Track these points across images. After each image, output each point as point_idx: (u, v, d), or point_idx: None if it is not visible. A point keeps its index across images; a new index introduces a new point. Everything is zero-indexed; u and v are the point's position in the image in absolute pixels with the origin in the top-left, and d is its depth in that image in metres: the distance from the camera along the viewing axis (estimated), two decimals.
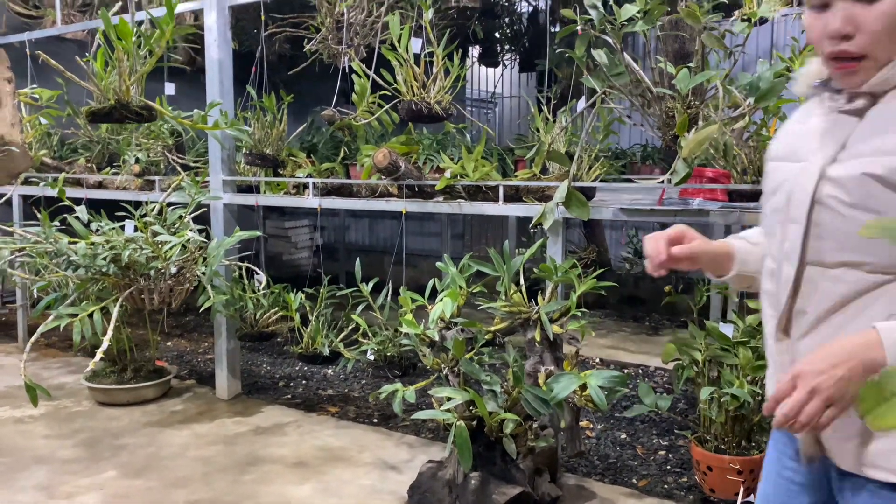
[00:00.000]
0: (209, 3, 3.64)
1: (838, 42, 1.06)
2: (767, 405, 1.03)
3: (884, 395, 0.75)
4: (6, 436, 3.32)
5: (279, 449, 3.21)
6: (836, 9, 1.06)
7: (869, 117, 1.09)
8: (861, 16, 1.04)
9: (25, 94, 3.49)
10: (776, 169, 1.21)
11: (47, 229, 2.91)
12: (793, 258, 1.13)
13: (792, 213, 1.13)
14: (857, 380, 0.98)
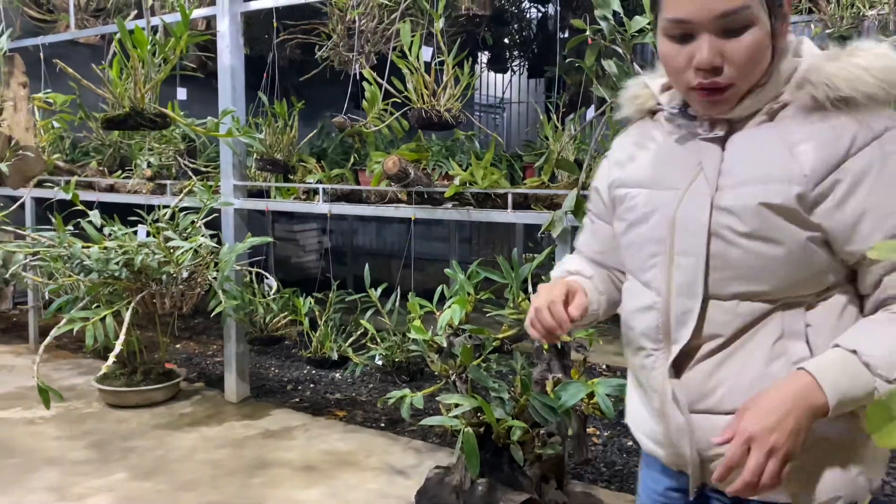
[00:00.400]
0: (221, 9, 3.68)
1: (708, 74, 1.03)
2: (719, 473, 0.98)
3: (891, 414, 0.76)
4: (18, 436, 3.36)
5: (287, 453, 3.23)
6: (701, 41, 1.02)
7: (736, 144, 1.08)
8: (728, 48, 1.01)
9: (40, 98, 3.53)
10: (637, 195, 1.17)
11: (62, 234, 2.94)
12: (694, 292, 1.08)
13: (683, 246, 1.09)
14: (806, 426, 0.96)
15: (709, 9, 0.99)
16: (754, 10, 0.99)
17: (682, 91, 1.10)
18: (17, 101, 3.40)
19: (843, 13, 5.35)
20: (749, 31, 1.00)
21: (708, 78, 1.03)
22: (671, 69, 1.08)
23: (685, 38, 1.04)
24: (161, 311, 3.16)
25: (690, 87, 1.06)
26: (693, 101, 1.10)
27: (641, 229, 1.15)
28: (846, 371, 0.96)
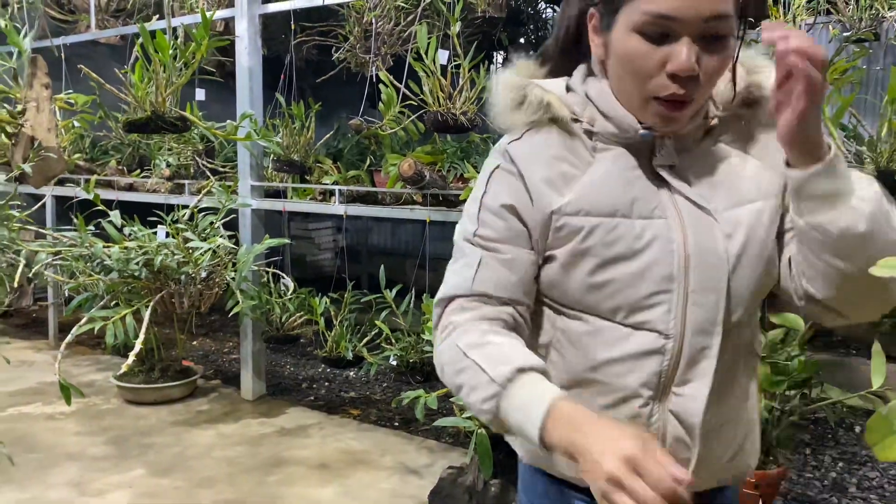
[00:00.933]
0: (240, 11, 3.72)
1: (684, 83, 0.90)
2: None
3: (891, 428, 0.78)
4: (39, 432, 3.42)
5: (302, 451, 3.27)
6: (682, 44, 0.88)
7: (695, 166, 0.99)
8: (703, 58, 0.90)
9: (61, 99, 3.58)
10: (602, 225, 0.96)
11: (83, 234, 3.00)
12: (714, 329, 0.97)
13: (702, 283, 0.96)
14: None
15: (700, 8, 0.87)
16: (732, 22, 0.90)
17: (637, 99, 0.94)
18: (40, 102, 3.45)
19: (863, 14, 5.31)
20: (724, 43, 0.91)
21: (684, 87, 0.90)
22: (635, 72, 0.92)
23: (660, 39, 0.89)
24: (179, 310, 3.21)
25: (654, 95, 0.92)
26: (647, 114, 0.95)
27: (632, 266, 0.96)
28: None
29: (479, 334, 0.95)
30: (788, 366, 2.43)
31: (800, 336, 2.47)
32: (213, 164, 4.25)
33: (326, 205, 3.58)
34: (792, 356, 2.45)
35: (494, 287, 0.99)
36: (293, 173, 3.76)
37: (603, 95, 0.99)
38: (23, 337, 5.08)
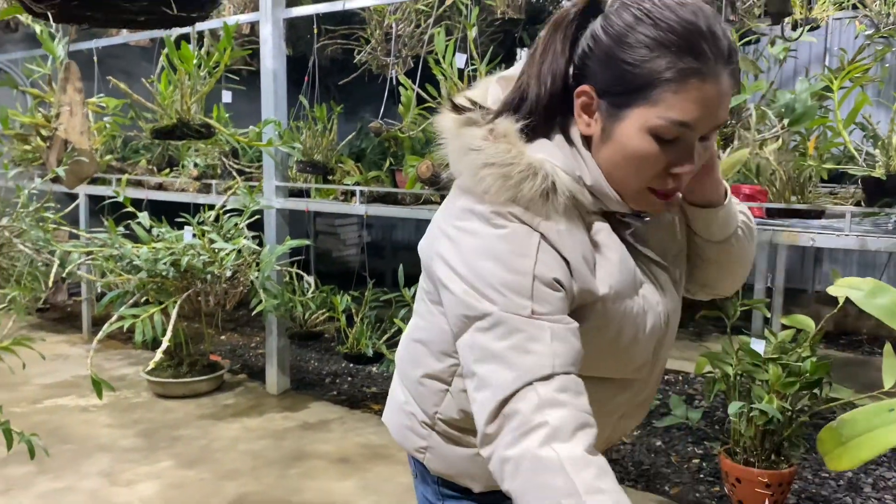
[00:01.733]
0: (265, 15, 3.81)
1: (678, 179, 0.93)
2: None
3: (840, 440, 0.83)
4: (72, 424, 3.56)
5: (324, 445, 3.37)
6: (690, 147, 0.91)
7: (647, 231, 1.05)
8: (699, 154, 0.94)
9: (94, 103, 3.71)
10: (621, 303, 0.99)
11: (114, 235, 3.12)
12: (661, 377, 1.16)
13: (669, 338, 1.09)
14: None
15: (716, 118, 0.90)
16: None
17: (632, 189, 0.95)
18: (73, 107, 3.57)
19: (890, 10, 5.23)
20: (714, 138, 0.96)
21: (680, 185, 0.94)
22: (640, 168, 0.93)
23: (671, 141, 0.90)
24: (205, 308, 3.32)
25: (657, 189, 0.95)
26: (638, 202, 0.97)
27: (640, 335, 1.01)
28: None
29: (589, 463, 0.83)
30: (800, 367, 2.46)
31: (810, 337, 2.50)
32: (239, 165, 4.36)
33: (348, 205, 3.66)
34: (803, 357, 2.47)
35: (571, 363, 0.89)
36: (316, 174, 3.85)
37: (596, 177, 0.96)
38: (58, 331, 5.26)
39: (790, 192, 2.79)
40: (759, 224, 2.66)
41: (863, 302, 0.89)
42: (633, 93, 0.89)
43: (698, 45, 0.86)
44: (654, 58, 0.87)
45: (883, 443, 0.85)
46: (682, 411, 2.63)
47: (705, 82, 0.87)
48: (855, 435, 0.85)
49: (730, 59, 0.89)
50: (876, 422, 0.85)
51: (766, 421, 2.43)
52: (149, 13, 1.03)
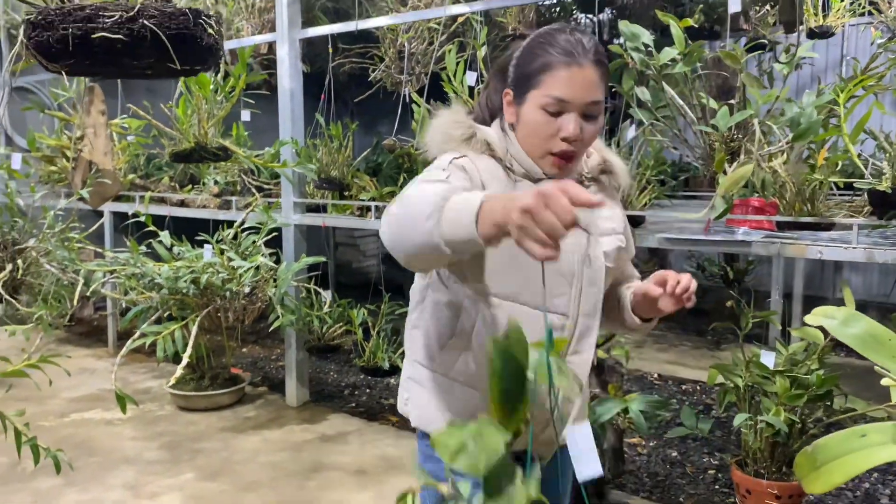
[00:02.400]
0: (281, 36, 3.90)
1: (570, 144, 1.31)
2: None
3: (815, 464, 0.87)
4: (98, 437, 3.65)
5: (342, 457, 3.43)
6: (570, 118, 1.29)
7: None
8: (584, 127, 1.31)
9: (117, 124, 3.82)
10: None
11: (135, 255, 3.21)
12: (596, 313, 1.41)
13: (592, 279, 1.38)
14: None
15: (585, 95, 1.29)
16: (602, 104, 1.35)
17: (539, 153, 1.34)
18: (97, 128, 3.68)
19: None
20: (598, 119, 1.34)
21: (570, 147, 1.31)
22: (538, 135, 1.32)
23: (556, 114, 1.30)
24: (225, 324, 3.40)
25: (550, 152, 1.33)
26: (545, 164, 1.35)
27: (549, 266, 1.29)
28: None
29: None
30: (808, 379, 2.47)
31: (819, 350, 2.51)
32: (258, 181, 4.45)
33: (363, 220, 3.73)
34: (812, 370, 2.49)
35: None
36: (332, 190, 3.92)
37: (518, 150, 1.38)
38: (85, 345, 5.38)
39: (800, 204, 2.81)
40: (768, 236, 2.68)
41: (836, 330, 0.92)
42: (528, 83, 1.32)
43: (564, 45, 1.29)
44: (538, 57, 1.31)
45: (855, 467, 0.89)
46: (692, 422, 2.65)
47: (570, 68, 1.28)
48: (828, 460, 0.89)
49: (593, 55, 1.30)
50: (848, 447, 0.89)
51: (774, 433, 2.44)
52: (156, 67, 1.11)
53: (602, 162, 1.48)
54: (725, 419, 3.86)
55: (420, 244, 1.09)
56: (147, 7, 1.06)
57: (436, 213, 1.06)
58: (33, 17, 1.11)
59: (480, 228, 1.00)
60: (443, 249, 1.05)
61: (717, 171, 2.30)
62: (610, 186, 1.50)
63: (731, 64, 2.35)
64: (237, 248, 3.40)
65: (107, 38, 1.03)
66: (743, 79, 2.39)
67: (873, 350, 0.90)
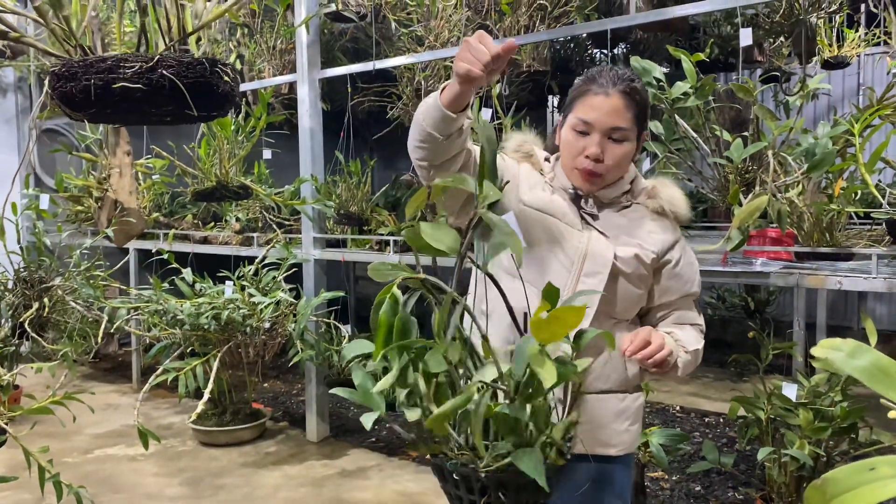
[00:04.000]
0: (301, 76, 3.99)
1: (592, 162, 1.52)
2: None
3: (825, 497, 0.87)
4: (121, 473, 3.68)
5: (362, 493, 3.42)
6: (594, 139, 1.52)
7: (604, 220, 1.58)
8: (609, 149, 1.52)
9: (142, 164, 3.91)
10: (543, 219, 1.54)
11: (158, 292, 3.27)
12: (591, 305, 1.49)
13: (591, 269, 1.52)
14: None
15: (608, 120, 1.51)
16: (630, 133, 1.54)
17: (569, 168, 1.58)
18: (122, 168, 3.78)
19: None
20: (624, 144, 1.53)
21: (591, 165, 1.52)
22: (568, 152, 1.56)
23: (584, 134, 1.53)
24: (245, 360, 3.43)
25: (577, 167, 1.55)
26: (574, 177, 1.57)
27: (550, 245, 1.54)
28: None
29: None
30: (832, 412, 2.44)
31: (842, 381, 2.48)
32: (279, 218, 4.52)
33: (382, 255, 3.77)
34: (835, 402, 2.46)
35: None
36: (351, 225, 3.97)
37: (559, 170, 1.62)
38: (109, 381, 5.44)
39: (818, 234, 2.80)
40: (787, 267, 2.67)
41: (843, 363, 0.93)
42: (568, 109, 1.58)
43: (598, 78, 1.53)
44: (578, 87, 1.56)
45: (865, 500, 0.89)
46: (714, 456, 2.62)
47: (598, 95, 1.51)
48: (838, 493, 0.89)
49: (622, 87, 1.51)
50: (857, 480, 0.89)
51: (799, 467, 2.41)
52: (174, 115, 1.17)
53: (650, 189, 1.65)
54: (749, 452, 3.80)
55: (420, 140, 1.40)
56: (166, 58, 1.12)
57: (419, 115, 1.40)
58: (58, 69, 1.17)
59: (442, 98, 1.34)
60: (434, 135, 1.36)
61: (731, 203, 2.31)
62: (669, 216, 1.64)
63: (743, 96, 2.37)
64: (258, 285, 3.45)
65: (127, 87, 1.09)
66: (756, 111, 2.40)
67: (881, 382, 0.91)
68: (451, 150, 1.41)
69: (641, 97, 1.55)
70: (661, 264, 1.61)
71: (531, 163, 1.65)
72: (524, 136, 1.69)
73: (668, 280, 1.62)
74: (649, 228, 1.60)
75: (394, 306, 1.16)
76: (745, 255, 2.88)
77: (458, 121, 1.36)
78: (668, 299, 1.64)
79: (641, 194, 1.64)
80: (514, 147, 1.67)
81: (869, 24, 5.09)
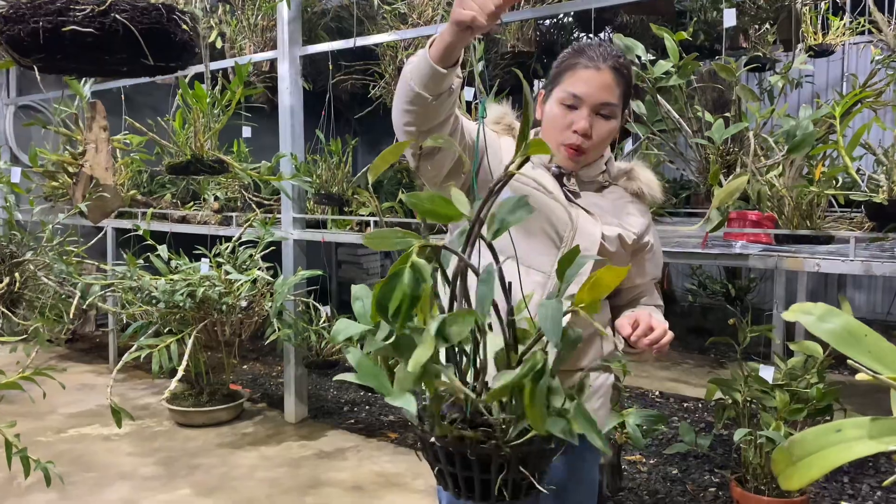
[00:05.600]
0: (282, 53, 3.93)
1: (580, 138, 1.48)
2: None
3: (791, 459, 0.86)
4: (95, 452, 3.64)
5: (339, 473, 3.40)
6: (583, 113, 1.47)
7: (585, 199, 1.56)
8: (596, 125, 1.48)
9: (118, 140, 3.84)
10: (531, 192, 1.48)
11: (132, 268, 3.22)
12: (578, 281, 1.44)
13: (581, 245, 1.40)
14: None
15: (598, 95, 1.47)
16: (617, 109, 1.50)
17: (553, 143, 1.52)
18: (98, 144, 3.71)
19: None
20: (611, 121, 1.50)
21: (579, 140, 1.48)
22: (554, 126, 1.51)
23: (571, 108, 1.48)
24: (221, 338, 3.39)
25: (563, 143, 1.50)
26: (558, 153, 1.53)
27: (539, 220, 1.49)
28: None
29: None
30: (808, 393, 2.45)
31: (818, 363, 2.49)
32: (259, 197, 4.46)
33: (362, 235, 3.73)
34: (811, 384, 2.46)
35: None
36: (332, 205, 3.93)
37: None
38: (85, 361, 5.38)
39: (798, 219, 2.80)
40: (766, 250, 2.66)
41: (813, 326, 0.92)
42: (554, 82, 1.53)
43: (588, 52, 1.48)
44: (565, 60, 1.51)
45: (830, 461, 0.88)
46: (691, 438, 2.62)
47: (588, 69, 1.46)
48: (805, 455, 0.88)
49: (612, 62, 1.47)
50: (825, 441, 0.88)
51: (774, 448, 2.41)
52: (129, 64, 1.12)
53: (629, 171, 1.65)
54: (726, 437, 3.82)
55: (407, 101, 1.32)
56: (119, 1, 1.08)
57: (406, 75, 1.32)
58: (5, 10, 1.12)
59: (432, 53, 1.26)
60: (423, 95, 1.28)
61: (711, 183, 2.30)
62: (645, 199, 1.65)
63: (725, 77, 2.36)
64: (234, 262, 3.41)
65: (77, 31, 1.05)
66: (738, 91, 2.39)
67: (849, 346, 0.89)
68: (440, 112, 1.34)
69: (629, 74, 1.53)
70: (639, 247, 1.61)
71: (512, 136, 1.60)
72: (504, 109, 1.65)
73: (644, 263, 1.63)
74: (628, 210, 1.60)
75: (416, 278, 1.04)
76: (725, 238, 2.88)
77: (448, 77, 1.29)
78: (641, 281, 1.65)
79: (619, 176, 1.64)
80: (495, 119, 1.62)
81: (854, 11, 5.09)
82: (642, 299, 1.67)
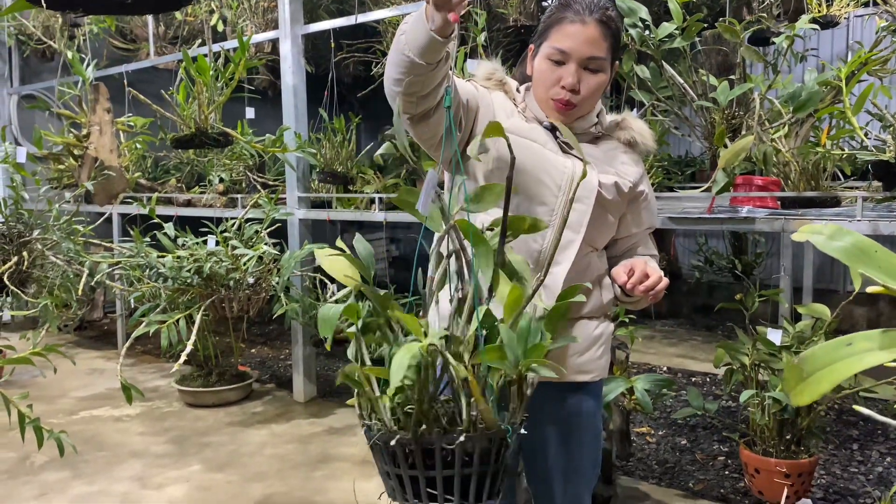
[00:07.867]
0: (284, 33, 3.92)
1: (568, 93, 1.48)
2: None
3: (802, 375, 0.86)
4: (106, 432, 3.66)
5: (349, 448, 3.42)
6: (570, 68, 1.46)
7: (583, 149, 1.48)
8: (584, 79, 1.48)
9: (122, 122, 3.85)
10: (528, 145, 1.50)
11: (139, 245, 3.23)
12: (580, 230, 1.50)
13: (579, 195, 1.48)
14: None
15: (585, 50, 1.46)
16: (605, 63, 1.49)
17: (542, 99, 1.53)
18: (103, 126, 3.72)
19: None
20: (599, 75, 1.49)
21: (567, 95, 1.48)
22: (543, 82, 1.51)
23: (559, 64, 1.48)
24: (229, 315, 3.40)
25: (552, 98, 1.50)
26: (547, 108, 1.53)
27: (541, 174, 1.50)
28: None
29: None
30: None
31: (826, 325, 2.48)
32: (263, 179, 4.47)
33: (367, 212, 3.73)
34: None
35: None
36: (336, 184, 3.93)
37: (531, 101, 1.58)
38: (95, 348, 5.41)
39: (805, 183, 2.79)
40: (773, 214, 2.66)
41: (823, 245, 0.91)
42: (541, 37, 1.51)
43: (574, 6, 1.46)
44: (553, 15, 1.49)
45: (840, 374, 0.88)
46: (699, 402, 2.62)
47: (574, 24, 1.45)
48: (815, 370, 0.88)
49: (599, 16, 1.45)
50: (835, 356, 0.88)
51: (781, 409, 2.41)
52: None
53: (621, 121, 1.63)
54: (734, 408, 3.82)
55: (403, 70, 1.29)
56: None
57: (398, 42, 1.30)
58: None
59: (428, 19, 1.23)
60: (419, 62, 1.26)
61: (717, 145, 2.29)
62: (637, 149, 1.64)
63: (729, 38, 2.35)
64: (241, 238, 3.41)
65: None
66: (742, 53, 2.38)
67: (861, 262, 0.89)
68: (437, 76, 1.33)
69: (616, 26, 1.51)
70: (635, 195, 1.62)
71: (504, 90, 1.61)
72: (494, 65, 1.65)
73: (640, 211, 1.65)
74: (622, 160, 1.61)
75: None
76: (731, 204, 2.87)
77: (446, 45, 1.28)
78: (636, 230, 1.66)
79: (612, 126, 1.65)
80: (485, 75, 1.62)
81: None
82: (638, 249, 1.68)
